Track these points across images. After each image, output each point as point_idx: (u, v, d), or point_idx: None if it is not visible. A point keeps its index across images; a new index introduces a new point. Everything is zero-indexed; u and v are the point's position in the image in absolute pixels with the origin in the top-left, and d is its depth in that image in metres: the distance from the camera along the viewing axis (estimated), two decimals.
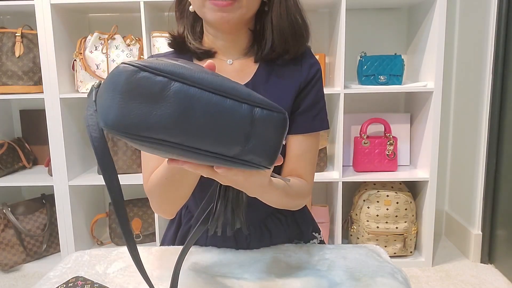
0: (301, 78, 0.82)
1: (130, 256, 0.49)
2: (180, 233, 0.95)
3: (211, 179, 0.55)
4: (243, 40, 0.82)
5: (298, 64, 0.82)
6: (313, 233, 0.98)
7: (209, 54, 0.82)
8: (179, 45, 0.84)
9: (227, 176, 0.51)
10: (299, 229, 0.94)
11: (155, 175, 0.75)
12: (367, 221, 1.99)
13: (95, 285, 0.64)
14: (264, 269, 0.76)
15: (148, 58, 0.87)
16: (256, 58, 0.83)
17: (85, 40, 1.89)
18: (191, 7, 0.78)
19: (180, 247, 0.87)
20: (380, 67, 1.92)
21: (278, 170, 0.85)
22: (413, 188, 2.08)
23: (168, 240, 0.97)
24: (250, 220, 0.86)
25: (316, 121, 0.83)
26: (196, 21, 0.83)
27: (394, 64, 1.92)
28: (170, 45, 0.85)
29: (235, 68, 0.82)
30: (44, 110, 1.90)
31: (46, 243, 2.08)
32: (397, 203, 1.97)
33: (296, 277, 0.72)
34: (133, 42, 1.92)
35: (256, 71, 0.82)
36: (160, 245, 1.00)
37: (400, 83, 1.95)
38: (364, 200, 2.00)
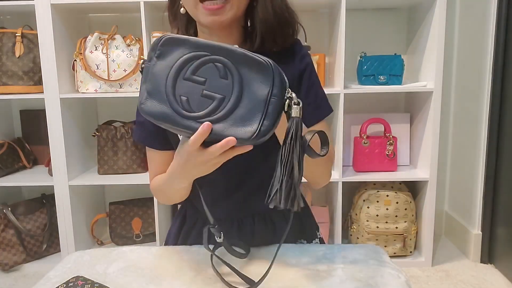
0: (294, 68, 0.86)
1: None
2: (184, 229, 0.95)
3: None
4: (236, 35, 0.86)
5: (289, 56, 0.87)
6: (316, 231, 0.99)
7: None
8: None
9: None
10: (302, 225, 0.95)
11: (159, 179, 0.85)
12: (367, 221, 1.99)
13: (96, 285, 0.65)
14: (263, 269, 0.76)
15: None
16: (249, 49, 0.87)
17: (85, 40, 1.89)
18: (182, 9, 0.82)
19: (177, 247, 0.88)
20: (380, 67, 1.92)
21: None
22: (413, 188, 2.08)
23: (172, 236, 0.98)
24: (257, 210, 0.89)
25: (321, 109, 0.88)
26: (189, 22, 0.87)
27: (394, 64, 1.92)
28: None
29: None
30: (44, 110, 1.90)
31: (46, 243, 2.08)
32: (397, 203, 1.97)
33: (295, 277, 0.72)
34: (133, 42, 1.92)
35: None
36: (165, 242, 1.01)
37: (400, 83, 1.95)
38: (364, 200, 2.00)
